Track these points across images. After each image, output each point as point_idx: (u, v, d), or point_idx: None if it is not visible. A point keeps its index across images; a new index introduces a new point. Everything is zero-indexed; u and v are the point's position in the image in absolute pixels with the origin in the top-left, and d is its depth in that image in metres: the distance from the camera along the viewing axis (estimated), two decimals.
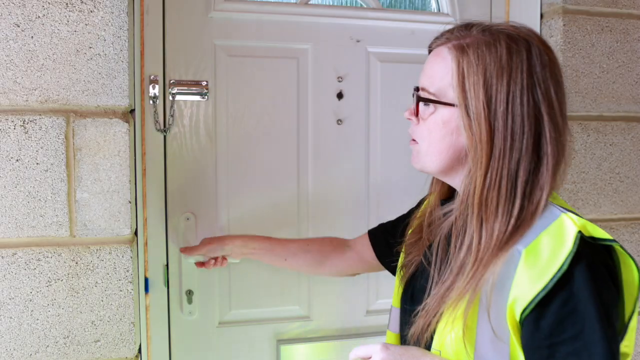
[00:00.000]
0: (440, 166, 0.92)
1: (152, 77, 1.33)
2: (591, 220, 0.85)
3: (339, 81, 1.48)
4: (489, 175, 0.84)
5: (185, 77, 1.37)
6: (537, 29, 1.54)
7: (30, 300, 1.12)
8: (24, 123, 1.10)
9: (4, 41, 1.08)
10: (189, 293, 1.40)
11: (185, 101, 1.38)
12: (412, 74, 1.51)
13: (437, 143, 0.91)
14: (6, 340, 1.11)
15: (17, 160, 1.10)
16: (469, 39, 0.87)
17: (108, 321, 1.16)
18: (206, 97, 1.38)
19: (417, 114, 0.93)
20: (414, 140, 0.95)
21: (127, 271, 1.16)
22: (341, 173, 1.50)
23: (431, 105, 0.90)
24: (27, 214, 1.11)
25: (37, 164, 1.11)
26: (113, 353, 1.16)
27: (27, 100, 1.09)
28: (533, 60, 0.85)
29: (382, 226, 1.24)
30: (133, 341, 1.17)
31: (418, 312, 0.89)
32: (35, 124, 1.10)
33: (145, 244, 1.34)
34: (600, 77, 1.51)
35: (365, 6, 1.55)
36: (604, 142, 1.52)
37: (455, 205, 0.91)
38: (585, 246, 0.78)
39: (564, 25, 1.47)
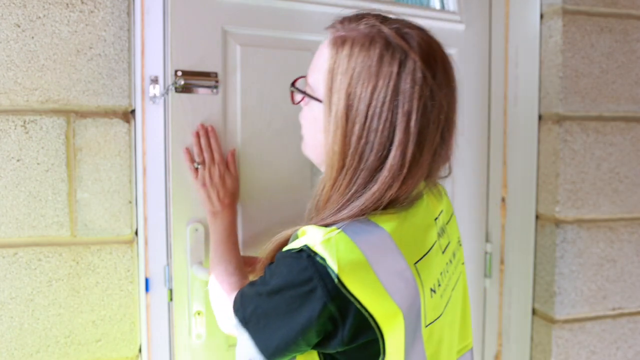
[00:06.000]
0: (317, 161, 0.88)
1: (152, 77, 1.33)
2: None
3: None
4: (335, 186, 0.79)
5: (193, 67, 1.25)
6: (536, 30, 1.54)
7: (32, 300, 1.12)
8: (24, 123, 1.10)
9: (5, 41, 1.08)
10: (198, 314, 1.28)
11: (191, 95, 1.26)
12: None
13: (311, 138, 0.86)
14: (7, 340, 1.11)
15: (17, 160, 1.10)
16: (353, 32, 0.80)
17: (109, 321, 1.16)
18: (216, 90, 1.27)
19: (294, 100, 0.88)
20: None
21: (128, 271, 1.16)
22: None
23: (305, 97, 0.85)
24: (28, 214, 1.11)
25: (37, 164, 1.11)
26: (114, 352, 1.17)
27: (27, 101, 1.10)
28: (403, 75, 0.76)
29: None
30: (134, 340, 1.18)
31: None
32: (36, 124, 1.10)
33: (146, 243, 1.33)
34: (600, 77, 1.51)
35: None
36: (603, 142, 1.52)
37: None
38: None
39: (563, 25, 1.47)
